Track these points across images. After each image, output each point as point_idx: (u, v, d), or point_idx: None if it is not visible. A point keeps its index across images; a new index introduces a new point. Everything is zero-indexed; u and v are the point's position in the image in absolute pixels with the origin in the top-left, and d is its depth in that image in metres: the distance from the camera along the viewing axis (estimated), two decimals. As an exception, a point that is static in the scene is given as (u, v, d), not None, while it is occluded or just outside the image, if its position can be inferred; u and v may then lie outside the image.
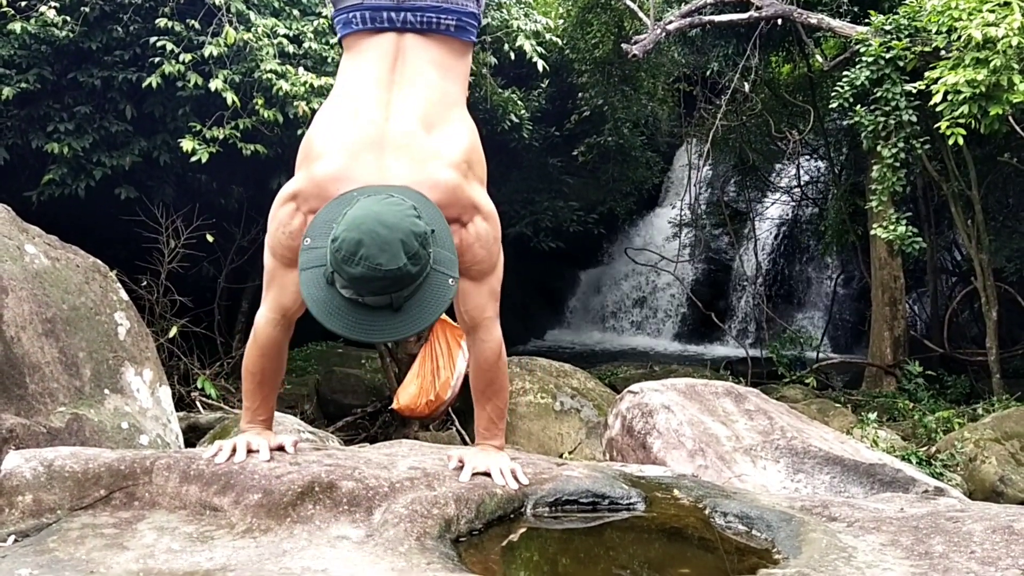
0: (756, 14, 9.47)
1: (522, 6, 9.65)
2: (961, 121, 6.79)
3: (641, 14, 10.67)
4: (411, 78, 2.18)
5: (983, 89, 6.62)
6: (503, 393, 2.35)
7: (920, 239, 8.19)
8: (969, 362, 10.03)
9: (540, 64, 8.74)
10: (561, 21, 12.41)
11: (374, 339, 1.91)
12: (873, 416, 6.79)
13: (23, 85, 6.90)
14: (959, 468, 6.03)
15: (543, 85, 11.87)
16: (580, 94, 12.80)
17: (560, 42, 11.15)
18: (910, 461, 5.65)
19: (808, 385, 9.37)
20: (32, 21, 6.79)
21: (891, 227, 8.13)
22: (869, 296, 10.35)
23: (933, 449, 6.38)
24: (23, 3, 6.92)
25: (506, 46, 8.92)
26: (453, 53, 2.25)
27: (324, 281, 1.87)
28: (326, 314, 1.87)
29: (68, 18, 6.89)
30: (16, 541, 1.89)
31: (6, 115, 7.09)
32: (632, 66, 11.85)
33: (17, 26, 6.71)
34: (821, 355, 11.47)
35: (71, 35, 6.93)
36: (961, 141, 6.95)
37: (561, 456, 6.42)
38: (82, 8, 6.97)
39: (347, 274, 1.81)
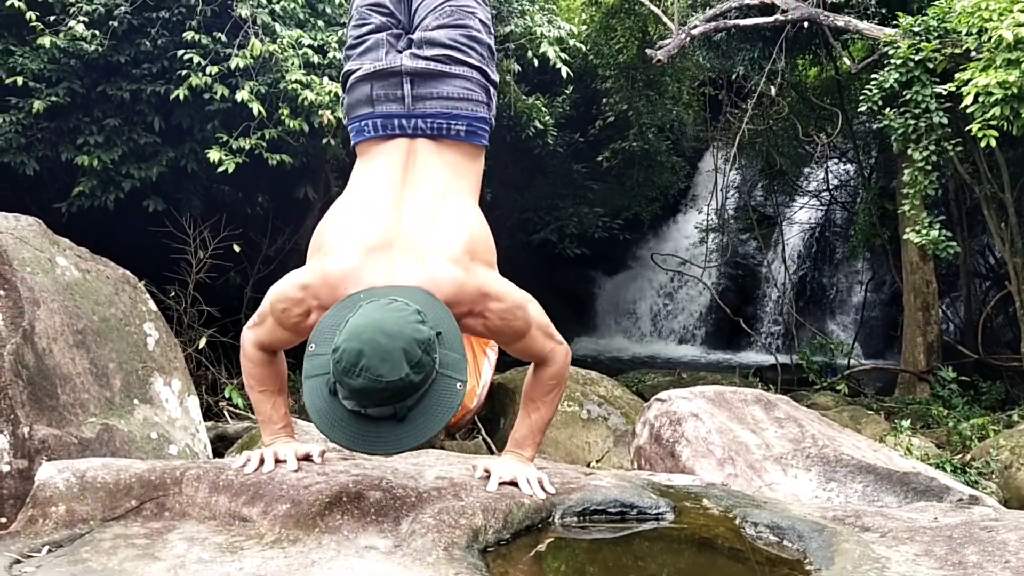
0: (782, 17, 9.40)
1: (545, 13, 9.65)
2: (993, 123, 6.69)
3: (665, 19, 10.64)
4: (421, 178, 2.21)
5: (1015, 90, 6.51)
6: (553, 407, 2.34)
7: (954, 243, 8.06)
8: (1004, 368, 9.85)
9: (564, 70, 8.74)
10: (584, 27, 12.40)
11: (378, 452, 1.89)
12: (906, 423, 6.67)
13: (53, 99, 7.00)
14: (994, 476, 5.92)
15: (567, 91, 11.86)
16: (604, 99, 12.78)
17: (584, 48, 11.13)
18: (944, 469, 5.56)
19: (839, 392, 9.26)
20: (61, 35, 6.89)
21: (924, 231, 8.02)
22: (901, 301, 10.22)
23: (968, 457, 6.28)
24: (52, 18, 7.03)
25: (530, 53, 8.93)
26: (464, 155, 2.29)
27: (327, 391, 1.86)
28: (328, 425, 1.86)
29: (97, 32, 6.98)
30: (50, 551, 1.91)
31: (36, 128, 7.20)
32: (657, 71, 11.81)
33: (47, 40, 6.82)
34: (852, 361, 11.33)
35: (100, 49, 7.02)
36: (993, 143, 6.84)
37: (588, 465, 6.39)
38: (111, 22, 7.07)
39: (348, 386, 1.79)
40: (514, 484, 2.18)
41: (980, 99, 6.72)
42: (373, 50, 2.31)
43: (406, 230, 2.10)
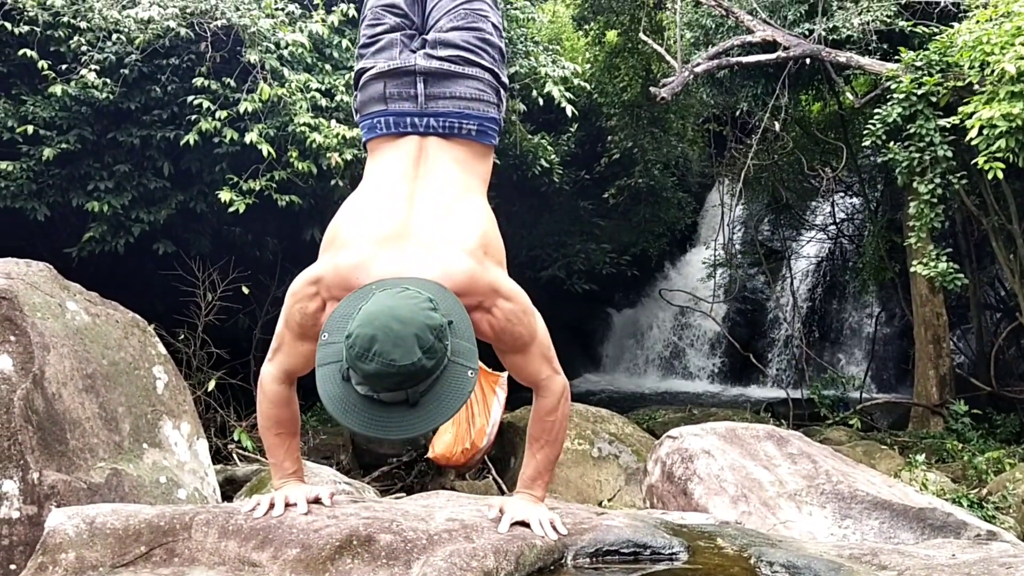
0: (784, 54, 9.48)
1: (550, 53, 9.76)
2: (999, 155, 6.70)
3: (668, 57, 10.74)
4: (433, 172, 2.24)
5: (1019, 122, 6.53)
6: (557, 445, 2.32)
7: (961, 275, 8.03)
8: (1018, 400, 9.77)
9: (569, 109, 8.82)
10: (589, 66, 12.53)
11: (391, 436, 1.89)
12: (921, 458, 6.60)
13: (64, 146, 7.09)
14: (1012, 510, 5.84)
15: (572, 129, 11.97)
16: (609, 137, 12.88)
17: (588, 87, 11.24)
18: (961, 504, 5.48)
19: (852, 426, 9.17)
20: (72, 84, 7.00)
21: (931, 263, 8.00)
22: (912, 334, 10.16)
23: (984, 491, 6.20)
24: (64, 66, 7.14)
25: (535, 92, 9.02)
26: (474, 154, 2.32)
27: (340, 377, 1.87)
28: (341, 411, 1.87)
29: (108, 80, 7.09)
30: (57, 600, 1.89)
31: (47, 174, 7.28)
32: (661, 108, 11.91)
33: (58, 89, 6.92)
34: (865, 395, 11.25)
35: (111, 96, 7.12)
36: (1000, 175, 6.85)
37: (600, 503, 6.33)
38: (121, 70, 7.18)
39: (361, 370, 1.80)
40: (526, 524, 2.15)
41: (985, 132, 6.73)
42: (387, 49, 2.35)
43: (418, 223, 2.13)
